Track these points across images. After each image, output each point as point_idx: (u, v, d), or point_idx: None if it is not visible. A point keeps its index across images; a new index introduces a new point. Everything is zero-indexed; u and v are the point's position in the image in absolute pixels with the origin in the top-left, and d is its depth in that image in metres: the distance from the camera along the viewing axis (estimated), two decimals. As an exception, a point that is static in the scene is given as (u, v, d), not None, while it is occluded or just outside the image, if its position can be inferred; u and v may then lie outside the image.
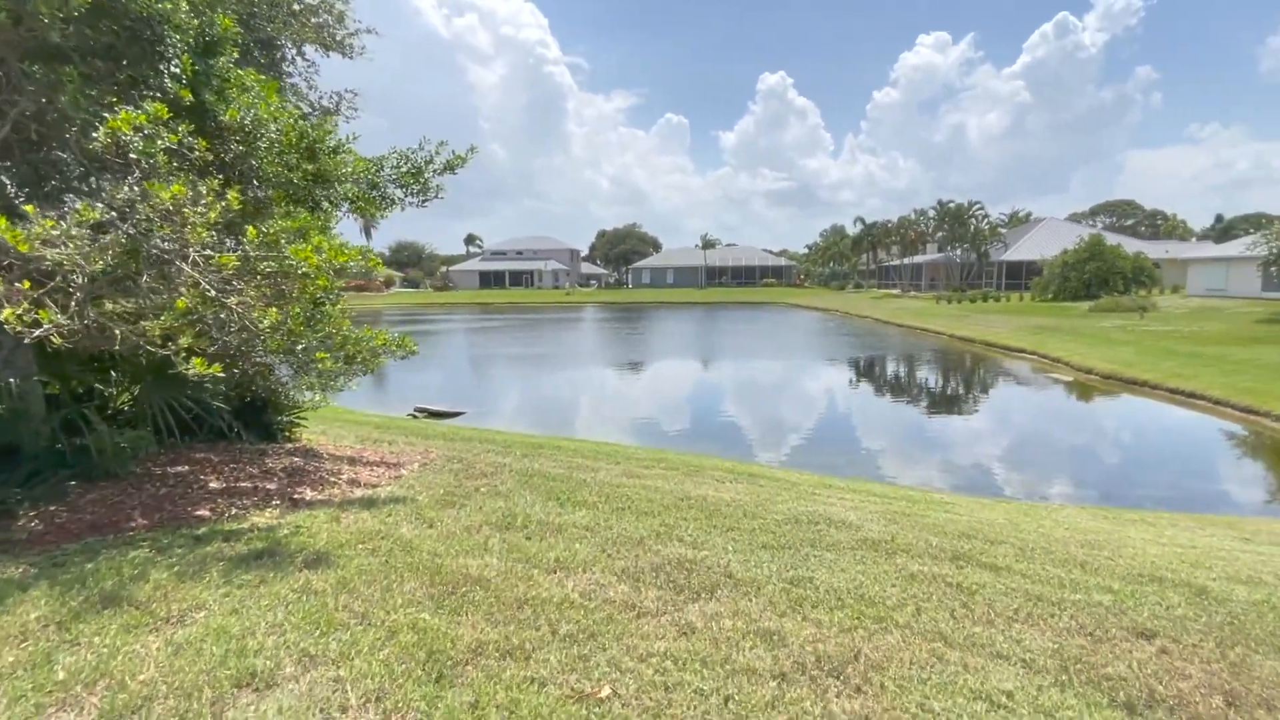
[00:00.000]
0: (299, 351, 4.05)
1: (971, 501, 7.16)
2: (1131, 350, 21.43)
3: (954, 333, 31.35)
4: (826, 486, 6.89)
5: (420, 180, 5.12)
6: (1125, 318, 31.08)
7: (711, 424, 14.44)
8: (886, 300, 54.50)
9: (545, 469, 6.27)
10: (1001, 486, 9.72)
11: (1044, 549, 4.48)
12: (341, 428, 8.71)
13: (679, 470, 7.02)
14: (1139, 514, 7.14)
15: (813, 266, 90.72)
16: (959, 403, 17.26)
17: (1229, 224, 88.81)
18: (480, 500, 4.91)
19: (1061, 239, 51.29)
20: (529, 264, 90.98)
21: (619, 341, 34.21)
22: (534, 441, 8.71)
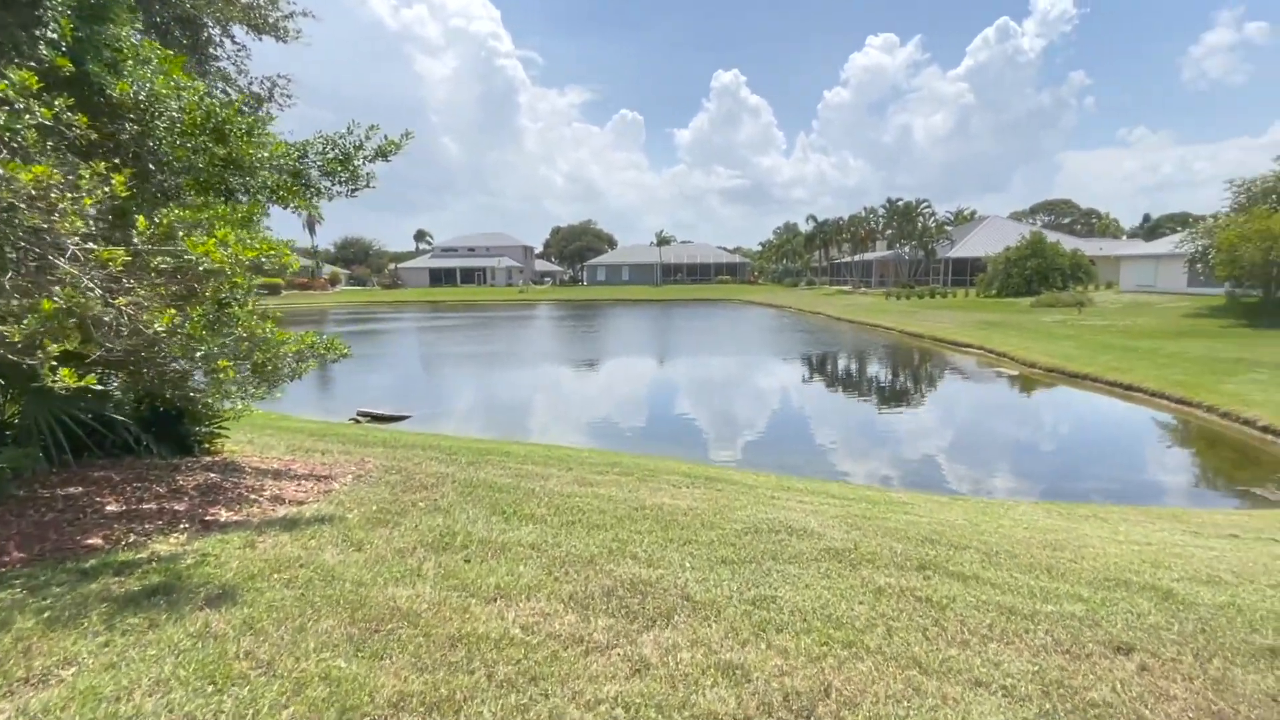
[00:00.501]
0: (197, 359, 3.57)
1: (929, 500, 7.09)
2: (1072, 344, 22.16)
3: (904, 328, 31.99)
4: (786, 489, 6.71)
5: (349, 168, 4.67)
6: (1065, 313, 32.24)
7: (669, 423, 14.21)
8: (838, 297, 55.42)
9: (491, 478, 5.89)
10: (956, 482, 9.77)
11: (1009, 553, 4.36)
12: (272, 436, 8.12)
13: (634, 475, 6.72)
14: (1091, 509, 7.19)
15: (766, 264, 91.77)
16: (911, 398, 17.48)
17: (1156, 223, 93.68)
18: (417, 517, 4.51)
19: (1004, 236, 53.02)
20: (481, 261, 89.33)
21: (574, 340, 33.75)
22: (482, 447, 8.29)
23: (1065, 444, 12.50)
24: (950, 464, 10.85)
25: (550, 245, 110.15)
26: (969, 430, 13.63)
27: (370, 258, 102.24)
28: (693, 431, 13.38)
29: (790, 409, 15.95)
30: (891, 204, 60.85)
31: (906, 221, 60.07)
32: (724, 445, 11.96)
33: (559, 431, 13.41)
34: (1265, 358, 17.31)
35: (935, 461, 10.99)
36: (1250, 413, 12.64)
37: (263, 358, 4.14)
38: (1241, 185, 28.46)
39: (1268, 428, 11.95)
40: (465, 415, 15.11)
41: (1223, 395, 13.91)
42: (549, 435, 12.96)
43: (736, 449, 11.67)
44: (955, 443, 12.38)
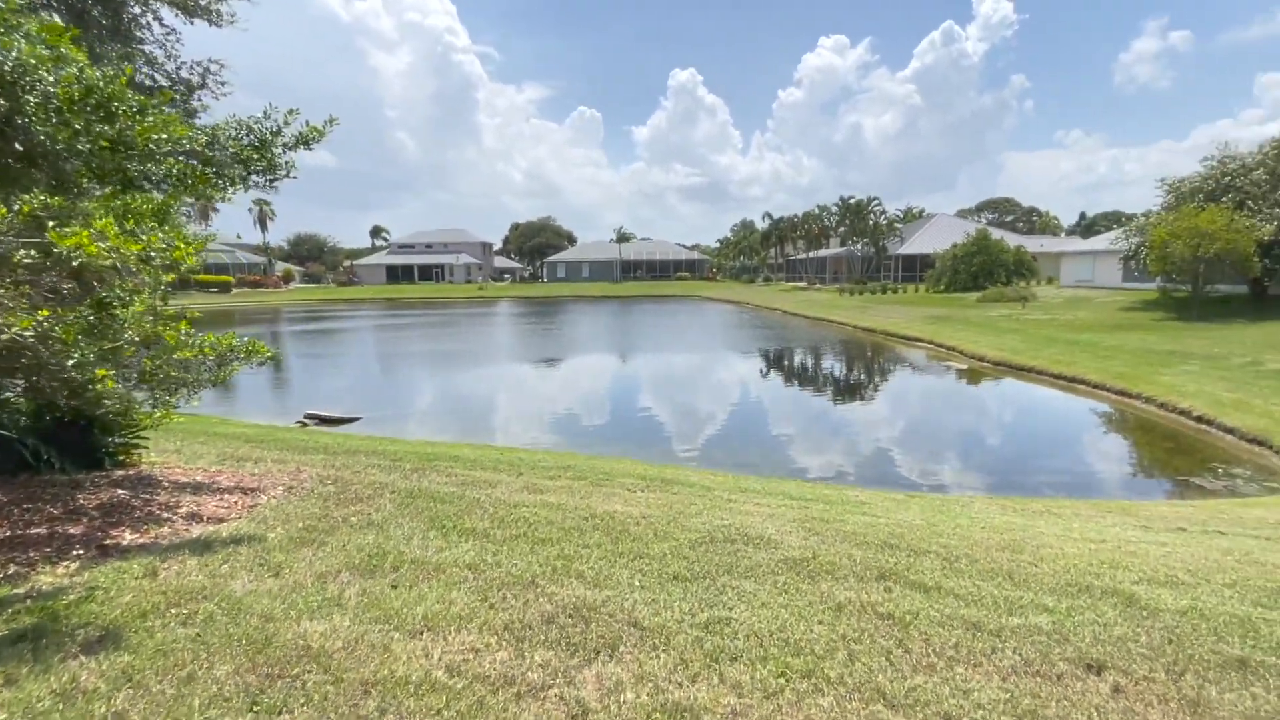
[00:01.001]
0: (70, 367, 3.12)
1: (885, 498, 7.00)
2: (1018, 338, 22.76)
3: (857, 324, 32.47)
4: (742, 490, 6.52)
5: (266, 156, 4.24)
6: (1009, 307, 33.21)
7: (628, 421, 13.96)
8: (794, 293, 56.08)
9: (434, 487, 5.52)
10: (911, 476, 9.78)
11: (969, 557, 4.23)
12: (203, 444, 7.55)
13: (587, 480, 6.44)
14: (1044, 503, 7.22)
15: (724, 260, 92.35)
16: (865, 392, 17.63)
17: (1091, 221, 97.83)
18: (347, 534, 4.14)
19: (952, 234, 54.48)
20: (439, 257, 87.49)
21: (533, 337, 33.19)
22: (429, 452, 7.87)
23: (1014, 436, 12.72)
24: (905, 458, 10.89)
25: (509, 242, 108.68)
26: (922, 424, 13.76)
27: (325, 255, 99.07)
28: (651, 429, 13.16)
29: (748, 404, 15.88)
30: (844, 202, 61.86)
31: (858, 219, 61.17)
32: (682, 442, 11.77)
33: (516, 432, 13.03)
34: (1195, 350, 18.04)
35: (890, 456, 11.02)
36: (1185, 403, 13.09)
37: (152, 365, 3.68)
38: (1172, 185, 29.70)
39: (1201, 417, 12.38)
40: (419, 416, 14.56)
41: (1159, 386, 14.39)
42: (505, 436, 12.56)
43: (695, 446, 11.49)
44: (909, 436, 12.47)
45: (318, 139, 4.40)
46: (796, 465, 10.33)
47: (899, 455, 11.11)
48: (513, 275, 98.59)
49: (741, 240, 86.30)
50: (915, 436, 12.57)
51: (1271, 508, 7.53)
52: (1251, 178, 25.71)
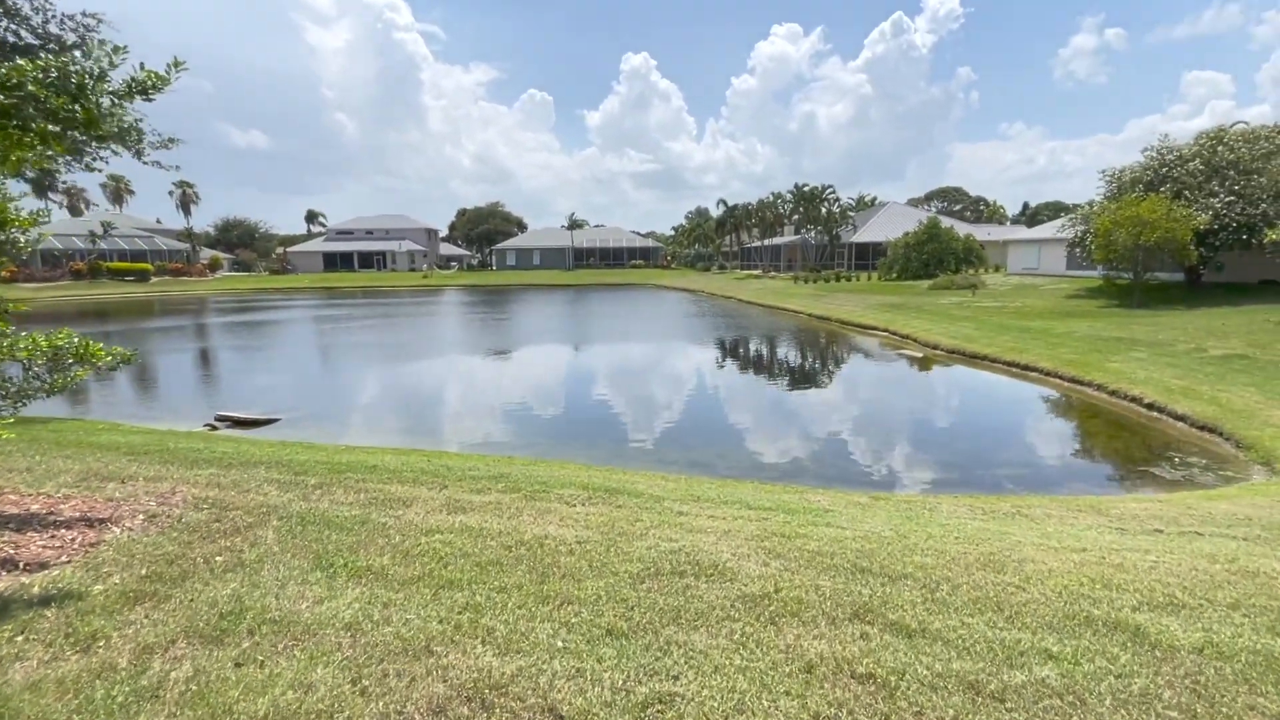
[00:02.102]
0: None
1: (848, 501, 6.48)
2: (971, 326, 22.88)
3: (811, 312, 32.39)
4: (695, 499, 5.88)
5: (87, 106, 3.33)
6: (960, 295, 33.64)
7: (575, 418, 13.21)
8: (749, 281, 56.03)
9: (334, 510, 4.70)
10: (871, 472, 9.35)
11: (948, 581, 3.68)
12: (69, 458, 6.50)
13: (520, 492, 5.70)
14: (1011, 502, 6.83)
15: (679, 248, 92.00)
16: (820, 383, 17.30)
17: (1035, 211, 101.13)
18: (201, 583, 3.31)
19: (903, 222, 55.24)
20: (381, 244, 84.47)
21: (479, 328, 32.00)
22: (342, 461, 6.99)
23: (972, 427, 12.50)
24: (864, 452, 10.49)
25: (456, 228, 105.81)
26: (879, 415, 13.44)
27: (257, 241, 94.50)
28: (602, 425, 12.45)
29: (703, 397, 15.33)
30: (798, 189, 62.03)
31: (812, 207, 61.44)
32: (633, 440, 11.11)
33: (453, 432, 12.14)
34: (1141, 336, 18.32)
35: (849, 450, 10.60)
36: (1136, 390, 13.11)
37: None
38: (1113, 175, 30.41)
39: (1152, 404, 12.39)
40: (347, 416, 13.51)
41: (1109, 374, 14.43)
42: (440, 437, 11.67)
43: (647, 443, 10.85)
44: (867, 428, 12.10)
45: (159, 87, 3.51)
46: (754, 462, 9.79)
47: (858, 449, 10.69)
48: (460, 263, 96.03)
49: (696, 228, 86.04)
50: (873, 428, 12.21)
51: (1235, 500, 7.32)
52: (1188, 168, 26.43)
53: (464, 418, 13.35)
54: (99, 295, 55.33)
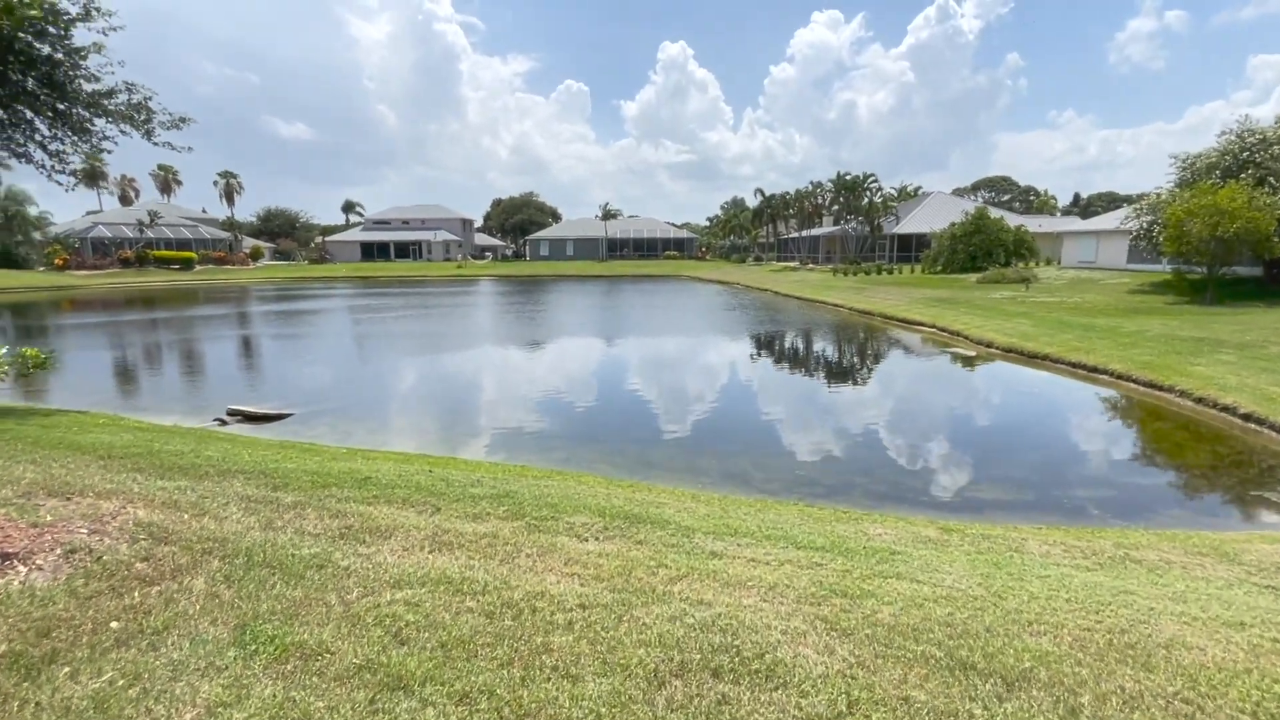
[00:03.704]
0: None
1: (915, 537, 5.44)
2: (1027, 322, 21.29)
3: (853, 306, 30.93)
4: (731, 532, 4.92)
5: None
6: (1012, 289, 31.80)
7: (601, 419, 12.32)
8: (786, 273, 54.43)
9: (294, 544, 3.88)
10: (932, 490, 8.24)
11: (1086, 686, 2.67)
12: (33, 461, 5.85)
13: (525, 518, 4.82)
14: (1110, 538, 5.69)
15: (714, 239, 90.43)
16: (863, 384, 16.08)
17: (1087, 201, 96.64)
18: (70, 670, 2.49)
19: (948, 213, 52.93)
20: (417, 234, 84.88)
21: (507, 318, 31.38)
22: (332, 471, 6.21)
23: (1040, 437, 11.22)
24: (919, 464, 9.36)
25: (491, 218, 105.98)
26: (931, 421, 12.23)
27: (297, 231, 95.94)
28: (628, 428, 11.54)
29: (737, 397, 14.30)
30: (839, 178, 60.03)
31: (853, 197, 59.41)
32: (663, 446, 10.17)
33: (471, 430, 11.37)
34: (1226, 337, 16.63)
35: (901, 461, 9.48)
36: (1228, 398, 11.64)
37: None
38: (1186, 160, 28.18)
39: (1249, 415, 10.94)
40: (361, 411, 12.85)
41: (1194, 379, 12.94)
42: (453, 437, 10.91)
43: (675, 450, 9.90)
44: (919, 437, 10.93)
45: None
46: (795, 475, 8.76)
47: (911, 460, 9.57)
48: (494, 253, 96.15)
49: (732, 218, 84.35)
50: (926, 436, 11.03)
51: (1386, 541, 6.04)
52: (1272, 153, 24.20)
53: (484, 416, 12.58)
54: (146, 283, 56.60)
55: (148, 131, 11.11)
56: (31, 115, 10.63)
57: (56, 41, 10.22)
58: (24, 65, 10.09)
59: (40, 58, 10.15)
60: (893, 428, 11.47)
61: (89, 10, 10.04)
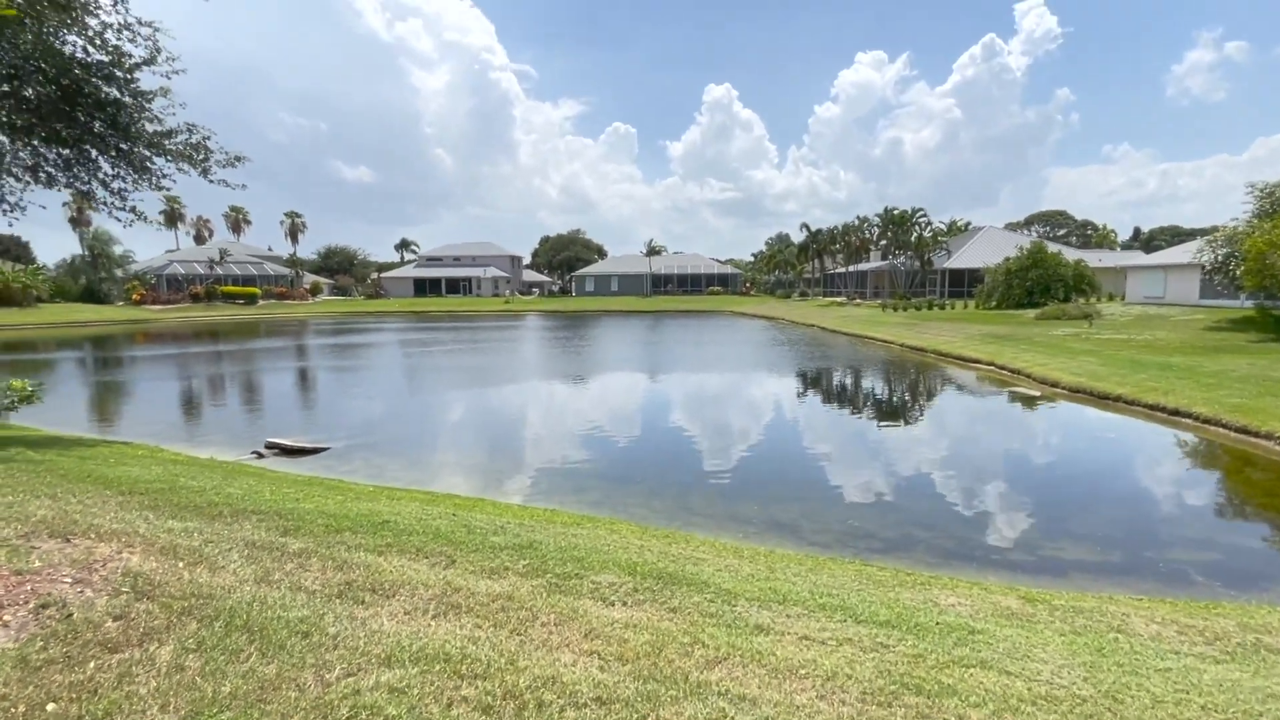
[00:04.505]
0: None
1: (995, 608, 4.71)
2: (1094, 360, 19.95)
3: (904, 342, 29.81)
4: (779, 598, 4.31)
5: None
6: (1075, 325, 30.16)
7: (639, 457, 11.80)
8: (833, 308, 53.32)
9: (285, 603, 3.47)
10: (1003, 546, 7.39)
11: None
12: (54, 496, 5.67)
13: (547, 575, 4.33)
14: (1231, 616, 4.83)
15: (759, 275, 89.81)
16: (918, 425, 15.13)
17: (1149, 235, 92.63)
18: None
19: (1001, 247, 51.23)
20: (467, 271, 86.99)
21: (551, 352, 31.32)
22: (351, 513, 5.86)
23: (1121, 488, 10.17)
24: (987, 516, 8.49)
25: (539, 255, 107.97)
26: (995, 467, 11.28)
27: (355, 267, 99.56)
28: (666, 467, 10.97)
29: (783, 437, 13.59)
30: (887, 213, 58.99)
31: (901, 231, 58.21)
32: (701, 488, 9.57)
33: (503, 467, 10.99)
34: (1326, 378, 15.12)
35: (967, 513, 8.63)
36: (1340, 448, 10.39)
37: None
38: (1264, 190, 26.49)
39: (1368, 468, 9.69)
40: (397, 445, 12.64)
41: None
42: (487, 473, 10.54)
43: (716, 494, 9.28)
44: (984, 484, 10.03)
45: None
46: (848, 526, 8.02)
47: (978, 511, 8.71)
48: (541, 289, 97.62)
49: (777, 254, 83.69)
50: (991, 484, 10.12)
51: None
52: (1365, 179, 22.45)
53: (521, 452, 12.20)
54: (212, 316, 59.22)
55: (204, 170, 11.37)
56: (96, 154, 11.00)
57: (123, 85, 10.61)
58: (92, 107, 10.48)
59: (108, 100, 10.53)
60: (954, 474, 10.58)
61: (154, 55, 10.40)
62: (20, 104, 10.21)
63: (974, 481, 10.16)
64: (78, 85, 10.17)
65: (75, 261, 63.62)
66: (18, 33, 8.89)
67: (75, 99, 10.22)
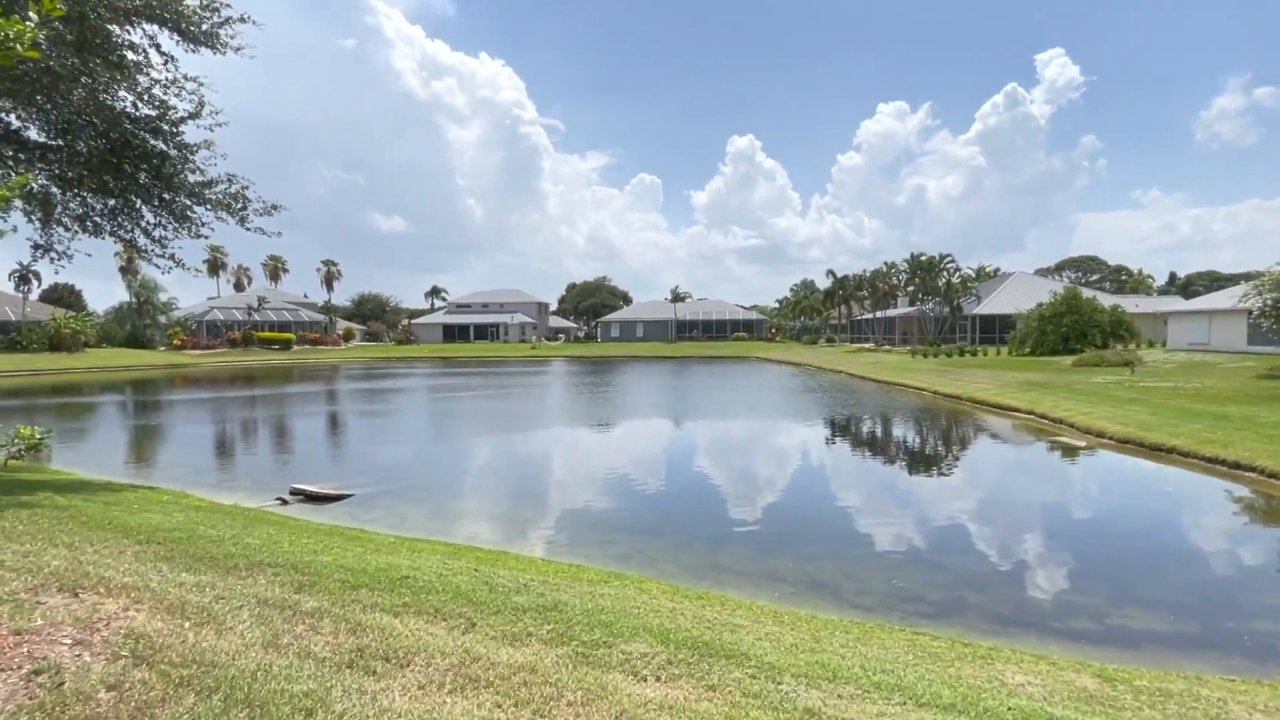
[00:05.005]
0: None
1: (1071, 689, 4.22)
2: (1142, 410, 19.08)
3: (937, 389, 29.04)
4: (828, 674, 3.91)
5: None
6: (1116, 373, 29.13)
7: (668, 508, 11.38)
8: (861, 354, 52.59)
9: (290, 674, 3.20)
10: (1065, 613, 6.81)
11: None
12: (71, 546, 5.53)
13: (573, 643, 4.00)
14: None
15: (784, 320, 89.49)
16: (959, 477, 14.48)
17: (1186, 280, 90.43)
18: None
19: (1033, 293, 50.39)
20: (495, 317, 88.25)
21: (576, 398, 31.17)
22: (370, 567, 5.60)
23: (1186, 549, 9.45)
24: (1043, 579, 7.89)
25: (565, 302, 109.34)
26: (1046, 523, 10.62)
27: (386, 314, 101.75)
28: (697, 519, 10.53)
29: (818, 490, 13.07)
30: (914, 258, 58.63)
31: (929, 277, 57.69)
32: (733, 542, 9.12)
33: (529, 517, 10.67)
34: (1400, 430, 14.18)
35: (1020, 575, 8.03)
36: None
37: None
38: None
39: None
40: (420, 493, 12.42)
41: (1375, 480, 10.84)
42: (511, 523, 10.22)
43: (750, 549, 8.82)
44: (1039, 545, 9.40)
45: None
46: (894, 587, 7.50)
47: (1035, 574, 8.11)
48: (567, 335, 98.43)
49: (802, 300, 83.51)
50: (1047, 544, 9.48)
51: None
52: None
53: (546, 501, 11.88)
54: (248, 361, 60.60)
55: (242, 218, 11.61)
56: (140, 204, 11.30)
57: (169, 138, 10.97)
58: (138, 159, 10.83)
59: (154, 152, 10.87)
60: (1002, 529, 9.97)
61: (199, 109, 10.77)
62: (72, 157, 10.60)
63: (1025, 538, 9.55)
64: (126, 139, 10.53)
65: (122, 308, 66.07)
66: (71, 89, 9.25)
67: (123, 152, 10.58)
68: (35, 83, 9.23)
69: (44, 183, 10.88)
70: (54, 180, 10.86)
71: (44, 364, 48.73)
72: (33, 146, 10.57)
